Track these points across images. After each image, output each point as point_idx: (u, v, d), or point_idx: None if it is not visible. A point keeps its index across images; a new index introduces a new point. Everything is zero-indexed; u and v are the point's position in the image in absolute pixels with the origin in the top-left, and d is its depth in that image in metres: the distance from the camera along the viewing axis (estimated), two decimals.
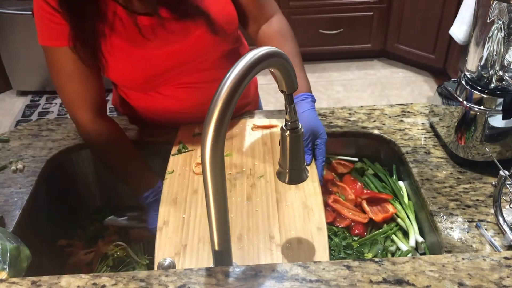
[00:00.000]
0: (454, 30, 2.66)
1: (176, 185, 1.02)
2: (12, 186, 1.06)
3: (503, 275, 0.74)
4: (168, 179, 1.04)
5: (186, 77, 1.10)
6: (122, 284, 0.74)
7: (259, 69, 0.63)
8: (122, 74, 1.06)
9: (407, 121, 1.23)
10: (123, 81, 1.10)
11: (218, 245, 0.74)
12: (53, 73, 1.04)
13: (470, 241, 0.89)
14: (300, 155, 0.77)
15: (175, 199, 0.98)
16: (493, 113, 0.99)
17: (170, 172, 1.06)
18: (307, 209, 0.95)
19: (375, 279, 0.74)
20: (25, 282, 0.76)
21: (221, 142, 0.62)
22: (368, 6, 3.33)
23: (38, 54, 3.12)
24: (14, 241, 0.87)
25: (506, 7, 0.92)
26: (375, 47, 3.51)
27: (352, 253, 1.02)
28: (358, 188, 1.16)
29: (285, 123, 0.74)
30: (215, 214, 0.70)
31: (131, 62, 1.03)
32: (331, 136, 1.21)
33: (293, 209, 0.95)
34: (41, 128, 1.25)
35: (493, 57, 0.98)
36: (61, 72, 1.03)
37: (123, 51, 1.01)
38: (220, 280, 0.74)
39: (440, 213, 0.96)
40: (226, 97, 0.61)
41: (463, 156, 1.05)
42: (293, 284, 0.74)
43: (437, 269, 0.76)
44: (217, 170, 0.65)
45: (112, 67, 1.04)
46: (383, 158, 1.22)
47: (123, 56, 1.02)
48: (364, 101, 3.20)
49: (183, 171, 1.06)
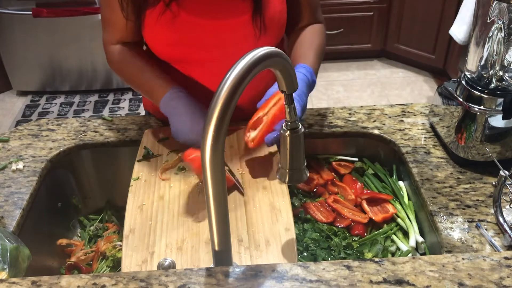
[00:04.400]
0: (454, 30, 2.66)
1: (142, 191, 1.01)
2: (12, 186, 1.06)
3: (503, 275, 0.74)
4: (134, 185, 1.02)
5: (216, 63, 1.10)
6: (122, 284, 0.74)
7: (259, 69, 0.63)
8: (153, 30, 1.07)
9: (407, 121, 1.23)
10: (153, 40, 1.10)
11: (218, 245, 0.74)
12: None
13: (470, 241, 0.89)
14: (300, 155, 0.77)
15: (141, 206, 0.97)
16: (493, 113, 0.99)
17: (135, 178, 1.04)
18: (275, 210, 0.95)
19: (375, 279, 0.74)
20: (25, 282, 0.76)
21: (221, 142, 0.62)
22: (368, 6, 3.33)
23: (38, 54, 3.15)
24: (14, 241, 0.87)
25: (506, 7, 0.92)
26: (375, 47, 3.51)
27: (352, 253, 1.02)
28: (358, 188, 1.16)
29: (285, 123, 0.74)
30: (215, 214, 0.70)
31: (166, 19, 1.04)
32: (331, 136, 1.21)
33: (261, 211, 0.95)
34: (41, 128, 1.25)
35: (493, 57, 0.98)
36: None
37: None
38: (220, 280, 0.74)
39: (440, 213, 0.96)
40: (226, 97, 0.61)
41: (463, 156, 1.05)
42: (293, 284, 0.74)
43: (437, 269, 0.76)
44: (217, 170, 0.65)
45: (147, 23, 1.06)
46: (383, 158, 1.22)
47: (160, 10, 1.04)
48: (364, 101, 3.20)
49: (149, 177, 1.05)
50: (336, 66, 3.59)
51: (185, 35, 1.06)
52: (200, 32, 1.05)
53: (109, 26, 1.13)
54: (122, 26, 1.10)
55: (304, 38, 1.15)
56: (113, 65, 1.17)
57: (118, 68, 1.16)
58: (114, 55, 1.14)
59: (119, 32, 1.12)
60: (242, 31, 1.06)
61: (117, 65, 1.16)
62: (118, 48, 1.14)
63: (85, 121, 1.27)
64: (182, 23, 1.05)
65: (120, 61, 1.14)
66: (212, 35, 1.06)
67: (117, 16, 1.07)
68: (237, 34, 1.06)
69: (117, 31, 1.12)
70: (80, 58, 3.19)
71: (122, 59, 1.14)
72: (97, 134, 1.22)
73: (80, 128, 1.25)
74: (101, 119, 1.27)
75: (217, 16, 1.05)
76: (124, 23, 1.09)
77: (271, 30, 1.07)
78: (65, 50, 3.16)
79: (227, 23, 1.05)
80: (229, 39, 1.07)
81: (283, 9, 1.08)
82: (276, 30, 1.09)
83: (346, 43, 3.48)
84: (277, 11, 1.07)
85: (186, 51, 1.08)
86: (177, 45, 1.07)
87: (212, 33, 1.06)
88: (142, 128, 1.23)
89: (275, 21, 1.07)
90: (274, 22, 1.07)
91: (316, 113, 1.27)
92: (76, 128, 1.25)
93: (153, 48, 1.12)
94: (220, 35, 1.06)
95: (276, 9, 1.06)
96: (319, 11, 1.19)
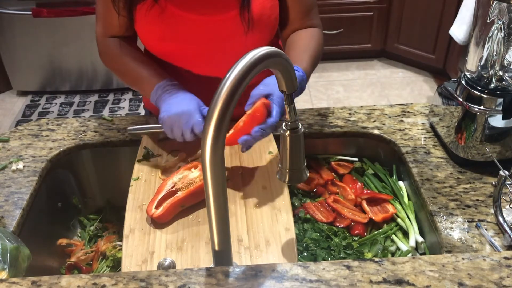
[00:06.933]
0: (454, 30, 2.66)
1: (142, 191, 1.01)
2: (12, 186, 1.06)
3: (503, 275, 0.74)
4: (134, 185, 1.03)
5: (207, 59, 1.09)
6: (122, 284, 0.74)
7: (259, 69, 0.63)
8: (144, 25, 1.07)
9: (407, 121, 1.23)
10: (143, 34, 1.10)
11: (218, 245, 0.74)
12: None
13: (470, 241, 0.89)
14: (300, 155, 0.77)
15: (141, 206, 0.97)
16: (493, 113, 0.99)
17: (135, 178, 1.04)
18: (275, 210, 0.95)
19: (375, 279, 0.74)
20: (25, 282, 0.76)
21: (221, 142, 0.62)
22: (368, 6, 3.32)
23: (38, 54, 3.15)
24: (14, 241, 0.87)
25: (506, 7, 0.92)
26: (375, 47, 3.51)
27: (352, 253, 1.02)
28: (358, 188, 1.16)
29: (285, 123, 0.74)
30: (215, 214, 0.70)
31: (154, 13, 1.05)
32: (331, 136, 1.21)
33: (261, 211, 0.95)
34: (41, 128, 1.25)
35: (493, 57, 0.98)
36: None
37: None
38: (220, 280, 0.74)
39: (440, 213, 0.96)
40: (226, 97, 0.61)
41: (463, 156, 1.05)
42: (293, 284, 0.74)
43: (437, 269, 0.76)
44: (217, 170, 0.65)
45: (138, 17, 1.07)
46: (383, 158, 1.22)
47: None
48: (364, 101, 3.20)
49: (149, 177, 1.05)
50: (336, 66, 3.59)
51: (174, 29, 1.06)
52: (189, 27, 1.06)
53: (102, 20, 1.14)
54: (114, 21, 1.11)
55: (300, 42, 1.13)
56: (105, 57, 1.17)
57: (110, 60, 1.16)
58: (107, 47, 1.15)
59: (111, 27, 1.13)
60: (230, 26, 1.06)
61: (109, 57, 1.16)
62: (111, 40, 1.15)
63: (85, 121, 1.27)
64: (170, 18, 1.05)
65: (114, 53, 1.14)
66: (201, 30, 1.06)
67: (109, 11, 1.08)
68: (226, 30, 1.06)
69: (109, 26, 1.13)
70: (80, 58, 3.19)
71: (116, 51, 1.14)
72: (97, 134, 1.22)
73: (80, 128, 1.25)
74: (101, 119, 1.27)
75: (205, 11, 1.05)
76: (116, 18, 1.09)
77: (260, 26, 1.06)
78: (65, 50, 3.16)
79: (215, 18, 1.05)
80: (218, 34, 1.07)
81: (273, 5, 1.07)
82: (266, 27, 1.08)
83: (346, 43, 3.48)
84: (267, 7, 1.06)
85: (176, 46, 1.08)
86: (167, 40, 1.08)
87: (200, 28, 1.06)
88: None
89: (265, 17, 1.06)
90: (263, 18, 1.06)
91: (316, 113, 1.27)
92: (76, 128, 1.25)
93: (145, 43, 1.13)
94: (208, 30, 1.06)
95: (265, 5, 1.06)
96: (314, 14, 1.16)
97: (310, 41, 1.12)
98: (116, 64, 1.16)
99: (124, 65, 1.14)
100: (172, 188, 0.96)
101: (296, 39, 1.14)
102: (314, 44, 1.12)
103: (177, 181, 0.97)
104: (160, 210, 0.92)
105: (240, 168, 1.06)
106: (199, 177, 0.97)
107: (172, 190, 0.95)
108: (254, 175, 1.04)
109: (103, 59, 1.18)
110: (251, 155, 1.09)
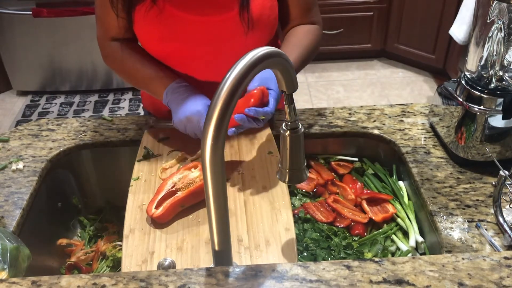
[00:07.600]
0: (454, 30, 2.66)
1: (142, 191, 1.01)
2: (12, 186, 1.06)
3: (503, 275, 0.74)
4: (134, 185, 1.03)
5: (207, 59, 1.09)
6: (122, 284, 0.74)
7: (259, 69, 0.63)
8: (143, 26, 1.08)
9: (407, 121, 1.23)
10: (143, 35, 1.11)
11: (218, 245, 0.74)
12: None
13: (470, 241, 0.89)
14: (300, 155, 0.77)
15: (141, 206, 0.97)
16: (493, 113, 0.99)
17: (135, 178, 1.05)
18: (275, 210, 0.95)
19: (375, 279, 0.74)
20: (25, 282, 0.76)
21: (221, 142, 0.62)
22: (368, 6, 3.33)
23: (38, 54, 3.15)
24: (14, 241, 0.87)
25: (506, 7, 0.92)
26: (375, 47, 3.51)
27: (352, 253, 1.02)
28: (358, 188, 1.16)
29: (285, 123, 0.74)
30: (215, 214, 0.70)
31: (153, 14, 1.05)
32: (331, 136, 1.21)
33: (261, 211, 0.95)
34: (41, 128, 1.25)
35: (493, 57, 0.98)
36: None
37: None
38: (220, 280, 0.74)
39: (440, 213, 0.96)
40: (226, 97, 0.61)
41: (463, 156, 1.05)
42: (293, 284, 0.74)
43: (437, 269, 0.76)
44: (217, 170, 0.65)
45: (137, 19, 1.07)
46: (383, 158, 1.22)
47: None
48: (364, 101, 3.21)
49: (149, 177, 1.05)
50: (336, 66, 3.59)
51: (173, 30, 1.06)
52: (188, 28, 1.06)
53: (102, 23, 1.14)
54: (113, 23, 1.11)
55: (294, 36, 1.13)
56: (110, 60, 1.17)
57: (116, 63, 1.16)
58: (112, 50, 1.15)
59: (111, 29, 1.13)
60: (230, 27, 1.06)
61: (114, 60, 1.16)
62: (114, 43, 1.14)
63: (85, 121, 1.27)
64: (169, 19, 1.05)
65: (118, 56, 1.14)
66: (200, 31, 1.06)
67: (108, 13, 1.08)
68: (225, 30, 1.06)
69: (109, 28, 1.13)
70: (80, 58, 3.19)
71: (120, 54, 1.14)
72: (97, 134, 1.22)
73: (80, 128, 1.25)
74: (101, 119, 1.27)
75: (204, 12, 1.05)
76: (115, 19, 1.09)
77: (260, 26, 1.06)
78: (65, 50, 3.16)
79: (215, 18, 1.05)
80: (218, 35, 1.07)
81: (273, 5, 1.07)
82: (266, 27, 1.08)
83: (346, 43, 3.48)
84: (266, 7, 1.06)
85: (175, 47, 1.08)
86: (166, 41, 1.08)
87: (200, 28, 1.06)
88: (142, 128, 1.23)
89: (264, 17, 1.06)
90: (262, 18, 1.06)
91: (316, 113, 1.27)
92: (76, 128, 1.25)
93: (144, 45, 1.13)
94: (208, 30, 1.06)
95: (265, 5, 1.06)
96: (314, 12, 1.16)
97: (304, 36, 1.13)
98: (122, 67, 1.16)
99: (130, 68, 1.14)
100: (172, 188, 0.96)
101: (290, 35, 1.14)
102: (308, 40, 1.13)
103: (177, 181, 0.97)
104: (160, 210, 0.92)
105: (240, 168, 1.06)
106: (199, 177, 0.97)
107: (172, 190, 0.95)
108: (254, 175, 1.04)
109: (108, 62, 1.18)
110: (251, 155, 1.09)
